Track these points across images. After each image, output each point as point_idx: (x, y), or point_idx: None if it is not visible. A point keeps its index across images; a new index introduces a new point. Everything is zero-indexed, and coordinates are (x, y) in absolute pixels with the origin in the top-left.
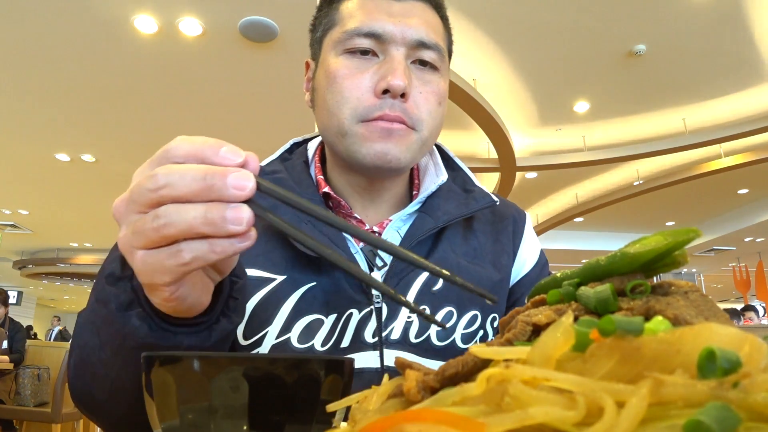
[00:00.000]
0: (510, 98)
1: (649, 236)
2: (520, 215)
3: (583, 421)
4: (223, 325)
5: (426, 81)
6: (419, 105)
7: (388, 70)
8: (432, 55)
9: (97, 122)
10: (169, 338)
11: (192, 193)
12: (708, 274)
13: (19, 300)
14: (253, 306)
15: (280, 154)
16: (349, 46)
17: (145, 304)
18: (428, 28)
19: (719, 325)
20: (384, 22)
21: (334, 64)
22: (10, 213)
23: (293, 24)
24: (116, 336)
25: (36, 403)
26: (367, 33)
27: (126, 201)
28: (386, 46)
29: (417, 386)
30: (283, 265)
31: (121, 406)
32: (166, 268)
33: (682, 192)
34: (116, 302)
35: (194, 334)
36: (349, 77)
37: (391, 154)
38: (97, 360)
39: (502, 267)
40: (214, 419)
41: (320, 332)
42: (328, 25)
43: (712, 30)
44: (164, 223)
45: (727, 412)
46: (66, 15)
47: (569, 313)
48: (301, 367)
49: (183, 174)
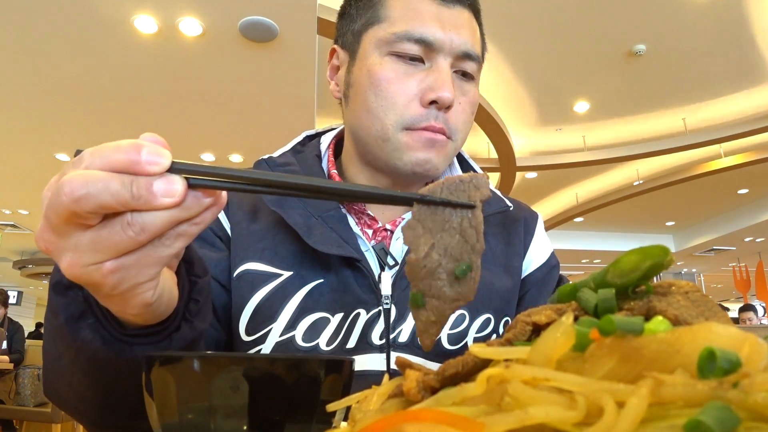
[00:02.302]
0: (510, 98)
1: (623, 256)
2: (532, 216)
3: (583, 421)
4: (184, 331)
5: (464, 91)
6: (457, 115)
7: (437, 81)
8: (473, 67)
9: (97, 122)
10: (125, 350)
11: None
12: (708, 274)
13: (19, 300)
14: (258, 301)
15: (292, 146)
16: (397, 49)
17: (98, 313)
18: (473, 38)
19: (719, 325)
20: (435, 28)
21: (379, 65)
22: (10, 213)
23: (293, 24)
24: (68, 349)
25: (36, 403)
26: (417, 39)
27: (52, 228)
28: (434, 54)
29: (417, 386)
30: (290, 260)
31: (91, 411)
32: (152, 259)
33: (682, 192)
34: (66, 314)
35: (152, 344)
36: (396, 82)
37: (431, 164)
38: (60, 367)
39: (513, 270)
40: (214, 419)
41: (326, 331)
42: (372, 20)
43: (712, 30)
44: (140, 228)
45: (727, 412)
46: (66, 15)
47: (569, 313)
48: (301, 367)
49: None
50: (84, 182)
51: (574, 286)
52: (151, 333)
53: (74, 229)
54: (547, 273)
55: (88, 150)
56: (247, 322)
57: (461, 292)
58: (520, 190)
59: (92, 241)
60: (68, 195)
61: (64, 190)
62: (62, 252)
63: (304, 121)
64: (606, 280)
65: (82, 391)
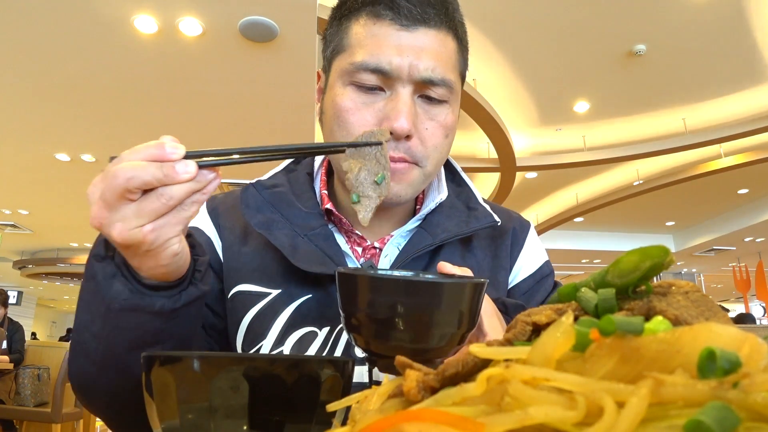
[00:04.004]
0: (510, 98)
1: (623, 257)
2: (522, 226)
3: (583, 421)
4: (190, 290)
5: (433, 116)
6: (425, 141)
7: (393, 111)
8: (440, 92)
9: (97, 122)
10: (145, 299)
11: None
12: (708, 274)
13: (19, 300)
14: (250, 320)
15: (285, 166)
16: (355, 79)
17: (127, 275)
18: (438, 61)
19: (719, 325)
20: (391, 56)
21: (340, 95)
22: (10, 213)
23: (293, 24)
24: (102, 303)
25: (36, 403)
26: (374, 69)
27: (107, 205)
28: (392, 82)
29: (417, 386)
30: (278, 279)
31: (111, 380)
32: (177, 219)
33: (682, 192)
34: (103, 273)
35: (167, 297)
36: (355, 112)
37: (392, 193)
38: (89, 336)
39: (499, 285)
40: (214, 419)
41: (314, 344)
42: (337, 48)
43: (712, 30)
44: (169, 196)
45: (727, 412)
46: (66, 15)
47: (569, 313)
48: (301, 367)
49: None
50: (132, 168)
51: (574, 286)
52: (167, 288)
53: (123, 204)
54: (536, 284)
55: (126, 152)
56: (242, 341)
57: (380, 192)
58: (520, 190)
59: (136, 211)
60: (122, 177)
61: (119, 175)
62: (113, 223)
63: (304, 122)
64: (606, 280)
65: (108, 354)
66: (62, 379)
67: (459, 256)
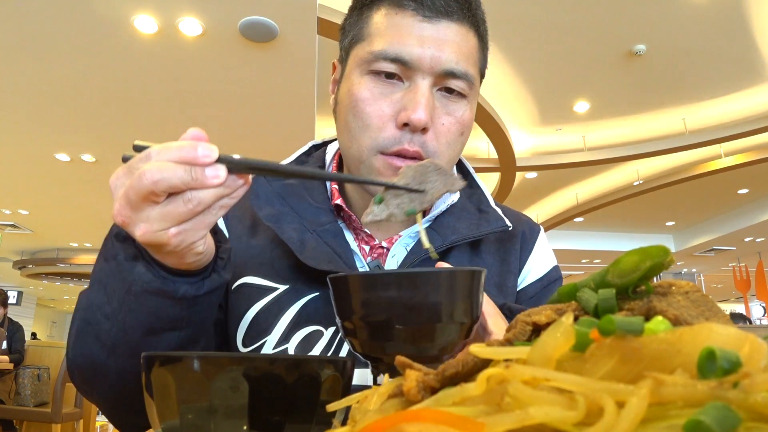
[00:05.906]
0: (510, 98)
1: (623, 257)
2: (532, 230)
3: (583, 421)
4: (213, 278)
5: (450, 111)
6: (439, 136)
7: (411, 102)
8: (460, 84)
9: (97, 122)
10: (168, 285)
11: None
12: (708, 274)
13: (19, 300)
14: (254, 314)
15: (296, 157)
16: (374, 67)
17: (148, 258)
18: (460, 54)
19: (719, 325)
20: (412, 46)
21: (357, 84)
22: (10, 213)
23: (293, 24)
24: (123, 284)
25: (36, 403)
26: (393, 58)
27: (131, 205)
28: (412, 73)
29: (417, 386)
30: (286, 274)
31: (120, 364)
32: (203, 224)
33: (682, 192)
34: (125, 254)
35: (190, 284)
36: (372, 102)
37: None
38: (101, 316)
39: (507, 290)
40: (214, 419)
41: (319, 344)
42: (357, 37)
43: (712, 30)
44: (197, 201)
45: (727, 412)
46: (66, 15)
47: (569, 313)
48: (301, 367)
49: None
50: (160, 170)
51: (574, 286)
52: (191, 275)
53: (147, 205)
54: (543, 288)
55: (155, 148)
56: (244, 334)
57: (397, 216)
58: (520, 190)
59: (161, 214)
60: (149, 179)
61: (146, 176)
62: (137, 223)
63: (304, 122)
64: (606, 280)
65: (121, 335)
66: (62, 379)
67: (467, 260)
